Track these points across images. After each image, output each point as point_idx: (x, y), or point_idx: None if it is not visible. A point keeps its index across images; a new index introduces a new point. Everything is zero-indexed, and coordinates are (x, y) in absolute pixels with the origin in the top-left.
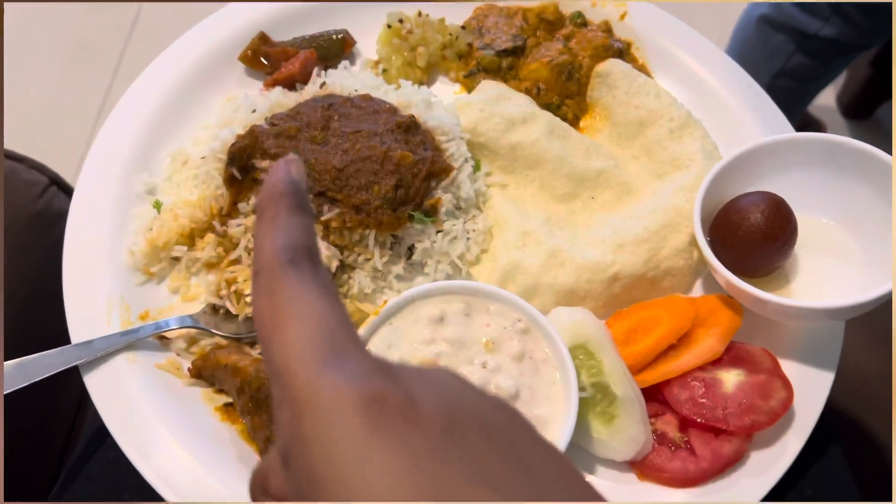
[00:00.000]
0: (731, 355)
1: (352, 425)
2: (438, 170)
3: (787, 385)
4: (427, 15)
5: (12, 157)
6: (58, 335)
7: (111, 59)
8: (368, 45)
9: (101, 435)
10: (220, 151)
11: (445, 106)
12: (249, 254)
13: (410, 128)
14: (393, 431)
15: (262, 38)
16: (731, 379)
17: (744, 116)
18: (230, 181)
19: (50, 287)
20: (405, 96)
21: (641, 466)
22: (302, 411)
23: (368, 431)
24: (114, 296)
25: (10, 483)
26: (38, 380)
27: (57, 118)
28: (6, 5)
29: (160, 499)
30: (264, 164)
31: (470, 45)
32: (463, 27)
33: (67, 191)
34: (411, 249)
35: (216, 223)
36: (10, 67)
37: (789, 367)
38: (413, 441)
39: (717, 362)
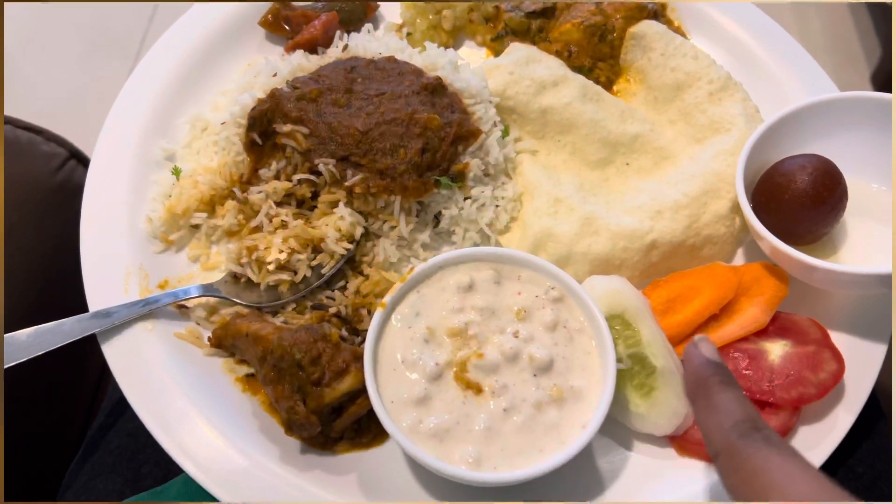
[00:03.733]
0: (776, 326)
1: None
2: (466, 133)
3: (837, 356)
4: None
5: (31, 128)
6: (78, 306)
7: (132, 45)
8: (392, 8)
9: (121, 406)
10: (241, 116)
11: (473, 69)
12: (270, 220)
13: (437, 90)
14: None
15: (283, 3)
16: (777, 350)
17: (786, 77)
18: (251, 146)
19: (70, 259)
20: (431, 59)
21: (682, 441)
22: None
23: None
24: (132, 264)
25: (33, 454)
26: (54, 348)
27: (79, 103)
28: None
29: (180, 471)
30: (285, 128)
31: (497, 7)
32: None
33: (87, 165)
34: (438, 217)
35: (236, 190)
36: (34, 53)
37: (838, 339)
38: None
39: (762, 333)
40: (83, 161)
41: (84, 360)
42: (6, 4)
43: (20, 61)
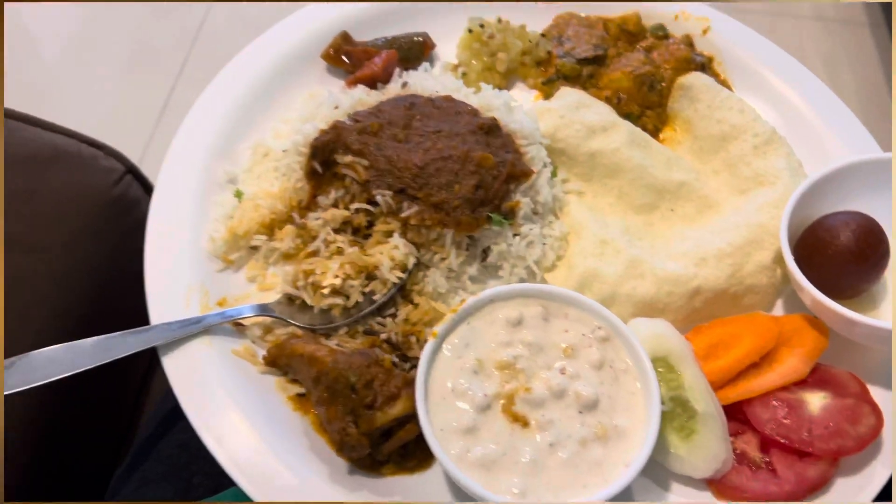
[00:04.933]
0: (815, 377)
1: None
2: (518, 173)
3: (876, 411)
4: (507, 21)
5: (93, 143)
6: (131, 315)
7: (175, 62)
8: (447, 48)
9: (173, 417)
10: (303, 145)
11: (525, 110)
12: (327, 246)
13: (492, 130)
14: None
15: (345, 38)
16: (816, 401)
17: (829, 135)
18: (311, 174)
19: (125, 269)
20: (485, 99)
21: (719, 485)
22: None
23: None
24: (193, 281)
25: (71, 461)
26: (118, 358)
27: (121, 115)
28: (77, 7)
29: (230, 483)
30: (346, 159)
31: (549, 52)
32: (543, 35)
33: (142, 180)
34: (486, 252)
35: (295, 215)
36: (78, 66)
37: (876, 394)
38: None
39: (802, 384)
40: (138, 176)
41: (126, 369)
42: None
43: (64, 73)
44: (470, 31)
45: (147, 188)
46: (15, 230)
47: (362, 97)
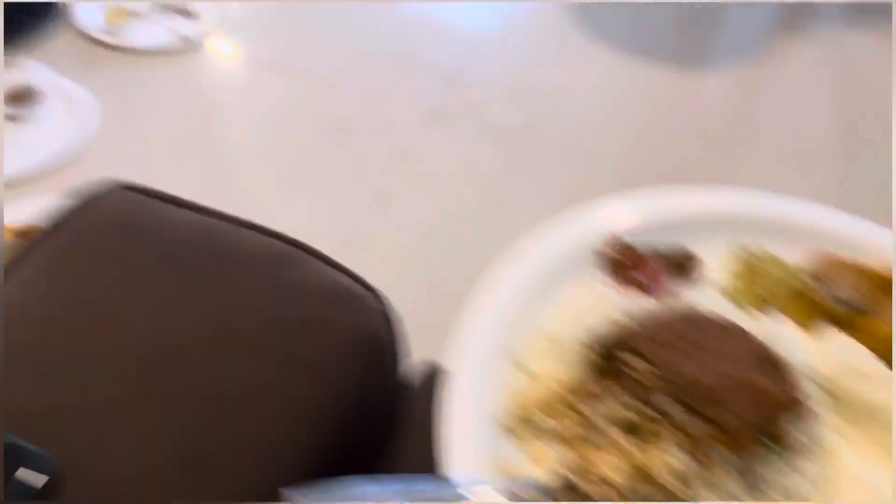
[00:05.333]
0: None
1: None
2: (794, 405)
3: None
4: (768, 251)
5: (365, 285)
6: (378, 456)
7: (361, 194)
8: (710, 266)
9: None
10: (588, 338)
11: (794, 342)
12: (603, 437)
13: (770, 359)
14: None
15: (621, 241)
16: None
17: None
18: (596, 367)
19: (376, 406)
20: (756, 325)
21: None
22: None
23: None
24: (481, 447)
25: None
26: None
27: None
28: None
29: None
30: (635, 362)
31: (811, 288)
32: (811, 275)
33: (388, 321)
34: (750, 473)
35: (576, 402)
36: (262, 171)
37: None
38: None
39: None
40: (387, 319)
41: None
42: None
43: (247, 174)
44: (741, 258)
45: (389, 328)
46: (305, 353)
47: (640, 302)
